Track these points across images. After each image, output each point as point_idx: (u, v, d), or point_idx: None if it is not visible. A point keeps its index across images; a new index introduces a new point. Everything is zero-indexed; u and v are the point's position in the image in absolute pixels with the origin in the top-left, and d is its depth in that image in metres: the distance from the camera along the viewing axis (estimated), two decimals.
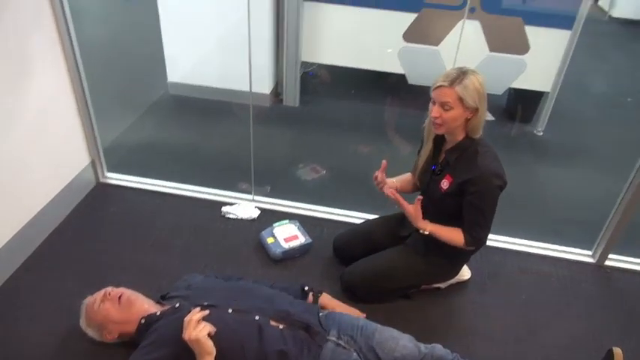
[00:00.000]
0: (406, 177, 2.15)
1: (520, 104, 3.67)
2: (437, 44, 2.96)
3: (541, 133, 3.56)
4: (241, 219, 2.52)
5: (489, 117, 3.71)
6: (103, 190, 2.68)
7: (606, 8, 6.02)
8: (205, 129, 3.45)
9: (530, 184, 3.08)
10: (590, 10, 3.11)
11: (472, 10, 2.91)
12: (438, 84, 1.74)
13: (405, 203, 1.89)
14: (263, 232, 2.38)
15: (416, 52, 2.99)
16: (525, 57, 2.92)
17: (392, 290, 2.10)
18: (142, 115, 3.51)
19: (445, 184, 1.89)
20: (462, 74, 1.71)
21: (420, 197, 1.88)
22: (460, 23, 2.90)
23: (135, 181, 2.73)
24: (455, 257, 2.06)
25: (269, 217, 2.50)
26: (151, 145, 3.20)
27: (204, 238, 2.39)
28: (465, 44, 2.75)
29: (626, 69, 4.88)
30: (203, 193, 2.68)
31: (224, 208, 2.56)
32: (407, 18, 3.05)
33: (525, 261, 2.40)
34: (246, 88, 3.01)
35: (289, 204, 2.64)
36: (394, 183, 2.11)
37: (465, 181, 1.81)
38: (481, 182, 1.79)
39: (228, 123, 3.49)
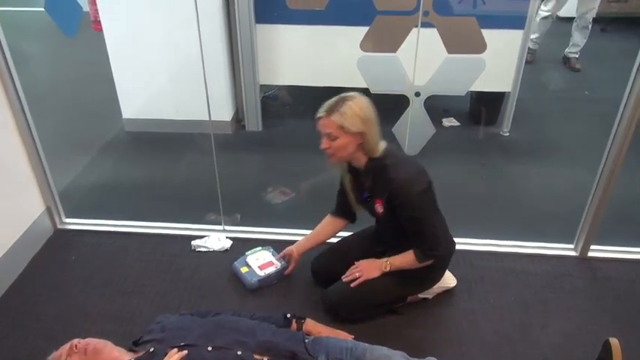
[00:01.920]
0: (320, 228, 2.16)
1: (483, 107, 3.68)
2: (395, 51, 2.96)
3: (507, 134, 3.57)
4: (213, 251, 2.42)
5: (454, 123, 3.71)
6: (62, 236, 2.53)
7: None
8: (167, 163, 3.33)
9: (504, 185, 3.06)
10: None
11: (426, 13, 2.92)
12: (317, 115, 1.75)
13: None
14: (236, 262, 2.27)
15: (374, 61, 2.97)
16: (484, 55, 2.95)
17: (376, 306, 2.02)
18: (97, 155, 3.38)
19: (379, 207, 1.88)
20: (340, 101, 1.73)
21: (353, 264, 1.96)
22: (415, 28, 2.91)
23: (96, 224, 2.59)
24: (432, 264, 2.00)
25: (242, 246, 2.40)
26: (110, 185, 3.07)
27: (175, 276, 2.27)
28: (423, 48, 2.75)
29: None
30: (170, 228, 2.56)
31: (194, 242, 2.45)
32: (362, 31, 3.04)
33: (509, 262, 2.35)
34: (206, 117, 2.92)
35: (261, 230, 2.54)
36: (303, 245, 2.15)
37: (387, 198, 1.80)
38: (401, 194, 1.77)
39: (191, 154, 3.39)
